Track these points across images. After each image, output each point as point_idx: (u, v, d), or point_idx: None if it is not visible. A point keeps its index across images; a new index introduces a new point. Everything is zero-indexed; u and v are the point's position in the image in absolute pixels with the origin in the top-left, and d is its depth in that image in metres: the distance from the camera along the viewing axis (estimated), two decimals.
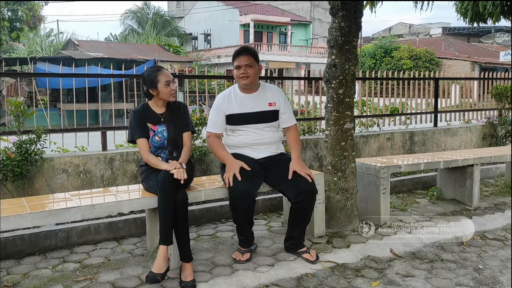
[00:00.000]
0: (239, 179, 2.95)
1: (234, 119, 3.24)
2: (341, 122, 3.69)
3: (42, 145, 3.88)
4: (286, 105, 3.34)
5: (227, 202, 4.10)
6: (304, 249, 3.19)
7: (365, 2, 3.87)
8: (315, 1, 37.88)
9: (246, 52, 3.21)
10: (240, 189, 2.94)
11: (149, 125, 3.05)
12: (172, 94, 3.04)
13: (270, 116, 3.27)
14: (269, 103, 3.25)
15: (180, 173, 2.78)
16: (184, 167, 2.87)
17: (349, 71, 3.65)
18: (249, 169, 3.05)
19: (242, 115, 3.22)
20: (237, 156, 3.18)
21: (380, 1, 4.02)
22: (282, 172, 3.15)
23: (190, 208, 3.90)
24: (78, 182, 4.11)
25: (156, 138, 3.05)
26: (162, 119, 3.08)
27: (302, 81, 7.92)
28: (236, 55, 3.21)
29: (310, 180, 3.08)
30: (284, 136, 3.49)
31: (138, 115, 3.07)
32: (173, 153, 3.06)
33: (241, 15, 34.34)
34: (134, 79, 5.90)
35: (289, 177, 3.09)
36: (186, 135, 3.14)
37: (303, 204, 3.07)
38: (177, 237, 2.82)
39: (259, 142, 3.26)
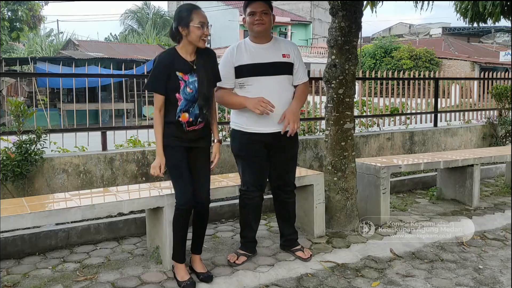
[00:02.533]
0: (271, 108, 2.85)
1: (243, 71, 2.94)
2: (341, 122, 3.69)
3: (42, 145, 3.88)
4: (300, 59, 3.09)
5: (227, 202, 4.12)
6: (298, 247, 3.22)
7: (365, 2, 3.87)
8: (315, 1, 37.86)
9: None
10: (251, 184, 3.07)
11: (180, 74, 2.63)
12: (203, 39, 2.63)
13: (284, 67, 2.99)
14: (282, 54, 2.99)
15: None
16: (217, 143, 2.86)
17: (349, 71, 3.65)
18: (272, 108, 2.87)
19: (252, 66, 2.93)
20: (244, 137, 3.03)
21: (381, 1, 4.03)
22: (280, 168, 3.15)
23: None
24: (78, 182, 4.11)
25: (188, 89, 2.64)
26: (194, 67, 2.67)
27: None
28: (250, 0, 2.98)
29: (290, 132, 2.94)
30: None
31: (164, 63, 2.64)
32: (203, 110, 2.70)
33: (241, 15, 34.12)
34: (134, 79, 5.90)
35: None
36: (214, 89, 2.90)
37: (282, 197, 3.22)
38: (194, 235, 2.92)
39: (271, 101, 2.90)
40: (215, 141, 2.88)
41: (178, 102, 2.63)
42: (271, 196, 4.35)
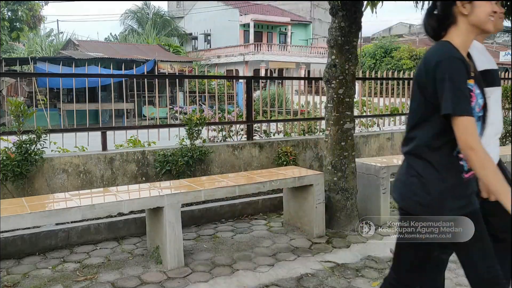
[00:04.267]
0: None
1: (487, 78, 1.94)
2: (341, 122, 3.69)
3: (42, 145, 3.88)
4: None
5: (227, 202, 4.12)
6: None
7: (365, 2, 3.87)
8: (315, 1, 37.88)
9: None
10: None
11: (470, 81, 1.63)
12: (492, 20, 1.65)
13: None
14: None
15: None
16: None
17: (349, 71, 3.65)
18: None
19: (493, 72, 2.14)
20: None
21: (381, 1, 4.02)
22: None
23: (190, 208, 3.92)
24: (78, 182, 4.11)
25: (477, 107, 1.66)
26: (472, 73, 1.69)
27: (302, 81, 7.96)
28: None
29: None
30: None
31: (465, 65, 1.60)
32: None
33: (241, 15, 34.34)
34: (134, 79, 5.90)
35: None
36: None
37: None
38: None
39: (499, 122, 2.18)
40: None
41: None
42: (270, 196, 4.38)
